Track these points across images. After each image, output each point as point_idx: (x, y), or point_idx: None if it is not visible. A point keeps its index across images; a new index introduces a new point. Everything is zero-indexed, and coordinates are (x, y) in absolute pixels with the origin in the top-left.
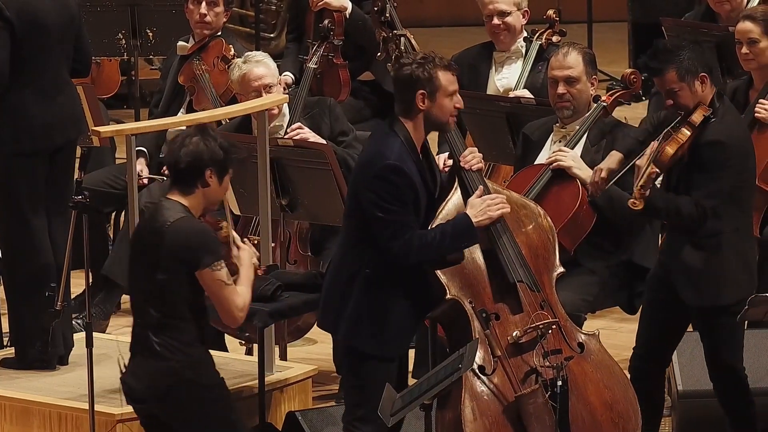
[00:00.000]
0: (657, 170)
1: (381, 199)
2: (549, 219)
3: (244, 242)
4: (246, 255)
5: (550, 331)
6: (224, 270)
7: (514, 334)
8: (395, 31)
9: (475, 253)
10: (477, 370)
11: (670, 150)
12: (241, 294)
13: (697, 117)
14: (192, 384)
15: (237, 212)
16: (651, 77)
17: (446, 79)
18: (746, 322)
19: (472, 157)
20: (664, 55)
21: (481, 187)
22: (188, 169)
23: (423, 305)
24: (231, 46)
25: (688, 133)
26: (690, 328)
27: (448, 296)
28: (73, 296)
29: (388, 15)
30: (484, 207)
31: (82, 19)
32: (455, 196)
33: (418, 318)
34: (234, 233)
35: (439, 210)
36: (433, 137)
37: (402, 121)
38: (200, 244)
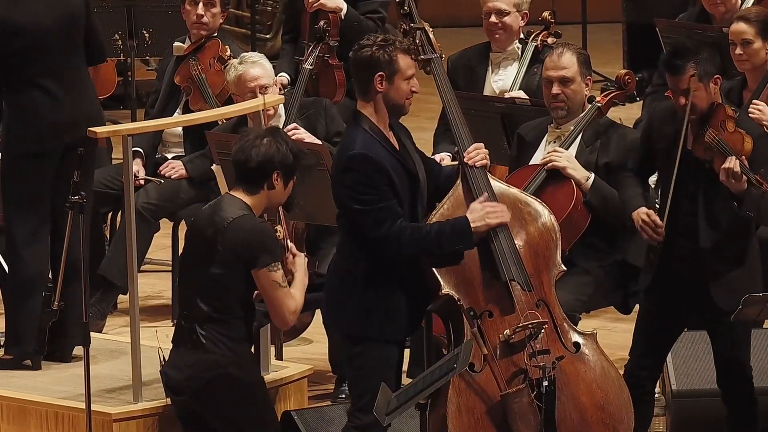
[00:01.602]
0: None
1: (354, 191)
2: (553, 217)
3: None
4: (301, 261)
5: (543, 331)
6: (280, 271)
7: (504, 332)
8: (413, 24)
9: (472, 251)
10: (466, 367)
11: (749, 142)
12: (294, 297)
13: (732, 112)
14: (234, 379)
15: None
16: (670, 75)
17: (405, 62)
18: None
19: (476, 153)
20: (686, 55)
21: (485, 193)
22: (257, 169)
23: (421, 298)
24: (227, 46)
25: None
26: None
27: (441, 292)
28: None
29: (407, 7)
30: (483, 214)
31: (90, 14)
32: (457, 191)
33: (420, 306)
34: (288, 241)
35: (442, 203)
36: (428, 138)
37: (363, 110)
38: (260, 243)
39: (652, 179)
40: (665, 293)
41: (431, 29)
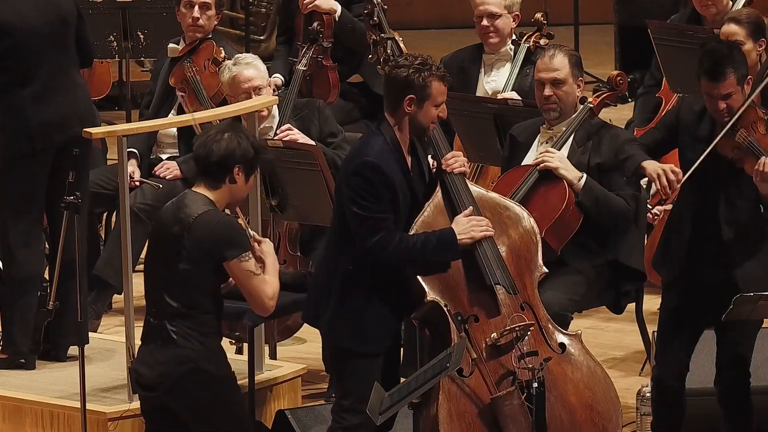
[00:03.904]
0: None
1: (357, 196)
2: (532, 220)
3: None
4: (268, 247)
5: (529, 333)
6: (252, 261)
7: (491, 336)
8: (383, 35)
9: None
10: (454, 372)
11: None
12: (270, 283)
13: (763, 114)
14: (205, 373)
15: None
16: (712, 82)
17: (438, 89)
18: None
19: (455, 161)
20: (726, 61)
21: (470, 207)
22: (218, 164)
23: (403, 305)
24: (221, 48)
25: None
26: None
27: (427, 299)
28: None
29: (376, 18)
30: (468, 227)
31: (81, 16)
32: (437, 198)
33: (398, 317)
34: (251, 230)
35: (422, 210)
36: None
37: (389, 121)
38: (227, 236)
39: (644, 181)
40: (687, 292)
41: (401, 39)
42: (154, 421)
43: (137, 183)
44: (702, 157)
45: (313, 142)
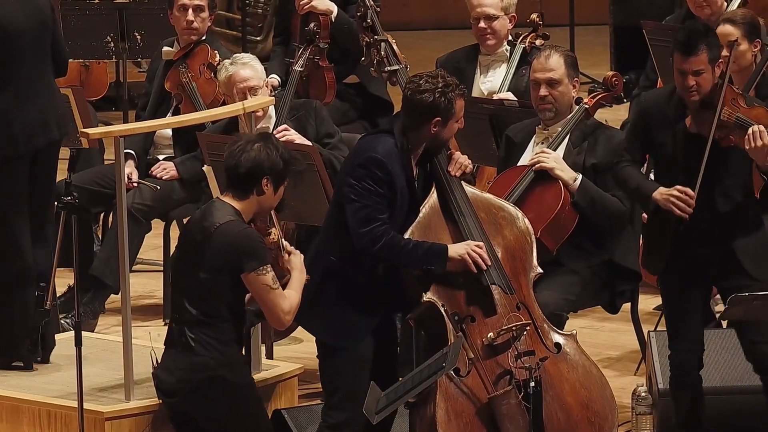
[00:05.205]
0: None
1: (359, 186)
2: (527, 220)
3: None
4: (297, 260)
5: (525, 333)
6: (270, 274)
7: (488, 335)
8: (376, 37)
9: None
10: (452, 372)
11: None
12: (288, 297)
13: (737, 90)
14: (224, 381)
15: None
16: (683, 55)
17: (460, 106)
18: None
19: (460, 165)
20: (701, 36)
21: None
22: (246, 175)
23: (384, 303)
24: (216, 52)
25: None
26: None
27: (424, 299)
28: (57, 295)
29: (369, 20)
30: (462, 252)
31: (56, 21)
32: (432, 199)
33: (376, 314)
34: (284, 240)
35: (420, 210)
36: None
37: (402, 127)
38: (245, 248)
39: None
40: (684, 275)
41: (394, 41)
42: (181, 426)
43: (135, 184)
44: (706, 154)
45: (309, 143)
